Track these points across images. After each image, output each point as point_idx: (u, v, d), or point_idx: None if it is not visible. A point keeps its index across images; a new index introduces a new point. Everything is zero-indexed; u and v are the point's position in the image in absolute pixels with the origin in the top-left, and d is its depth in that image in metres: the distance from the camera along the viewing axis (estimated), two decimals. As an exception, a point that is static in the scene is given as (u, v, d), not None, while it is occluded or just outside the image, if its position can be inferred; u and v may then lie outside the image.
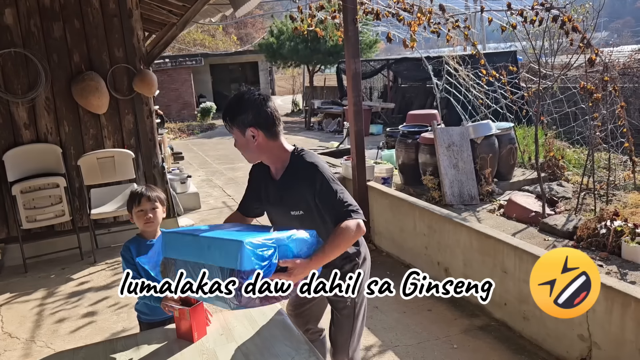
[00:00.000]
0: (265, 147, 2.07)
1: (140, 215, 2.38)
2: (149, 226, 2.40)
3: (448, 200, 5.60)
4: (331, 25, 9.26)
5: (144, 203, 2.38)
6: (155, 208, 2.40)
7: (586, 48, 4.28)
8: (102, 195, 5.17)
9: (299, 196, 2.06)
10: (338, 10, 5.23)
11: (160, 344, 2.03)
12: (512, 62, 10.20)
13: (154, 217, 2.40)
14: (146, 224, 2.39)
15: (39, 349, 3.53)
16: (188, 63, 19.90)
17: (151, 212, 2.39)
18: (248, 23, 36.03)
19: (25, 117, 5.07)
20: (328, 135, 14.20)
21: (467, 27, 4.90)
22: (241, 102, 2.03)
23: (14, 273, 4.91)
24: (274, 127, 2.07)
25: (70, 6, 5.09)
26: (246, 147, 2.08)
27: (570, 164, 6.81)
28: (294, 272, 1.75)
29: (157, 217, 2.41)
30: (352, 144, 5.04)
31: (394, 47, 29.39)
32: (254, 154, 2.11)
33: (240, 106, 2.03)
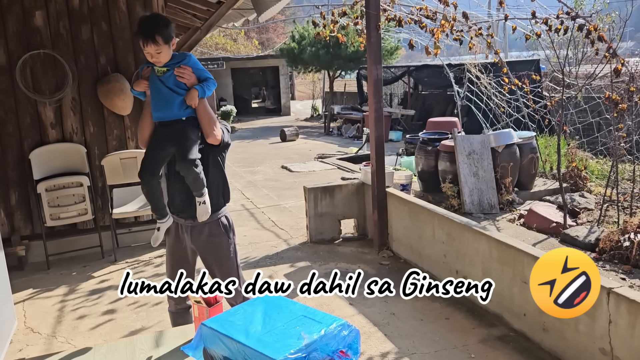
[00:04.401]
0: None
1: (147, 55, 2.53)
2: (157, 63, 2.55)
3: (467, 208, 5.56)
4: (352, 31, 9.29)
5: (149, 46, 2.46)
6: (159, 51, 2.49)
7: (612, 58, 4.22)
8: (124, 195, 5.25)
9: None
10: (361, 16, 5.25)
11: (179, 343, 2.05)
12: (535, 71, 10.10)
13: (159, 58, 2.51)
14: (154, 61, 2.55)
15: (60, 344, 3.59)
16: (210, 66, 20.10)
17: (156, 56, 2.50)
18: (270, 28, 36.31)
19: (52, 117, 5.19)
20: (347, 140, 14.20)
21: (490, 35, 4.87)
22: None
23: (37, 269, 5.01)
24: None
25: (98, 9, 5.20)
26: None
27: (593, 174, 6.71)
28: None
29: (162, 57, 2.52)
30: (372, 150, 5.04)
31: (414, 54, 29.29)
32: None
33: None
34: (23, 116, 5.09)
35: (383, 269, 4.70)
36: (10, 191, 5.13)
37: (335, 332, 1.67)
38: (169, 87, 2.54)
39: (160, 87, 2.56)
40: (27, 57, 4.97)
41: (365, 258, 4.98)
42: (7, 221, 5.13)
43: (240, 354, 1.63)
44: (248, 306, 1.86)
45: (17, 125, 5.08)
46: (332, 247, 5.34)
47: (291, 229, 6.02)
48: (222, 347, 1.70)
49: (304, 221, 5.68)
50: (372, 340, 3.46)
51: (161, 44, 2.46)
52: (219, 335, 1.71)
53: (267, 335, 1.65)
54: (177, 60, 2.57)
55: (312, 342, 1.61)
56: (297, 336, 1.62)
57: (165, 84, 2.55)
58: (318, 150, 12.13)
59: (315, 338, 1.62)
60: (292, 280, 4.52)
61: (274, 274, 4.67)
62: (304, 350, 1.58)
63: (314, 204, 5.43)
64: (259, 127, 18.69)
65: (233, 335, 1.68)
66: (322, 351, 1.63)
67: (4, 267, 3.63)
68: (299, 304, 1.83)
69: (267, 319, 1.74)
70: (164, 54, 2.51)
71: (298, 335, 1.63)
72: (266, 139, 15.16)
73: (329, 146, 13.11)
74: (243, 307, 1.86)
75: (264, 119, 21.76)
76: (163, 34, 2.46)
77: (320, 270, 4.69)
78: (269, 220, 6.43)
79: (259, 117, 22.26)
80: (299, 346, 1.58)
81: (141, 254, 5.28)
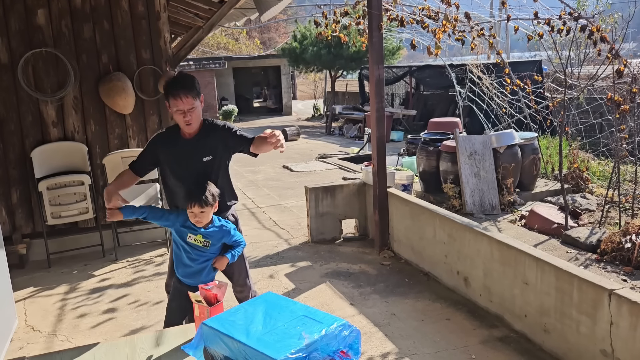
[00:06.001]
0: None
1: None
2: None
3: (468, 209, 5.55)
4: (354, 30, 9.28)
5: (195, 207, 2.51)
6: (203, 211, 2.52)
7: (614, 59, 4.21)
8: (125, 194, 5.18)
9: (212, 145, 2.76)
10: (363, 16, 5.25)
11: (179, 342, 2.05)
12: (537, 72, 10.09)
13: (201, 219, 2.54)
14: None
15: (61, 343, 3.59)
16: (211, 66, 20.12)
17: (199, 216, 2.52)
18: (271, 27, 36.32)
19: (54, 115, 5.19)
20: (348, 140, 14.20)
21: (492, 36, 4.87)
22: (192, 78, 2.69)
23: (38, 268, 5.01)
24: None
25: (101, 8, 5.20)
26: (198, 112, 2.70)
27: (594, 176, 6.70)
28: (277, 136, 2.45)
29: (204, 218, 2.55)
30: (373, 150, 5.03)
31: (416, 54, 29.27)
32: (199, 118, 2.76)
33: (194, 80, 2.68)
34: (25, 114, 5.09)
35: (384, 269, 4.70)
36: (11, 189, 5.13)
37: (336, 332, 1.66)
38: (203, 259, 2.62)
39: (193, 253, 2.60)
40: (29, 55, 4.97)
41: (366, 258, 4.97)
42: (9, 219, 5.13)
43: (241, 354, 1.63)
44: (249, 306, 1.86)
45: (19, 123, 5.09)
46: (333, 247, 5.33)
47: (292, 228, 6.01)
48: (222, 346, 1.69)
49: (305, 221, 5.68)
50: (372, 340, 3.45)
51: (207, 206, 2.52)
52: (219, 335, 1.71)
53: (268, 334, 1.65)
54: (217, 229, 2.60)
55: (313, 342, 1.60)
56: (298, 336, 1.62)
57: (200, 255, 2.60)
58: (319, 150, 12.13)
59: (316, 338, 1.61)
60: (292, 280, 4.51)
61: (274, 274, 4.67)
62: (305, 350, 1.57)
63: (315, 203, 5.43)
64: (261, 127, 18.68)
65: (234, 334, 1.67)
66: (323, 351, 1.62)
67: (5, 265, 3.63)
68: (300, 304, 1.82)
69: (268, 318, 1.74)
70: (207, 215, 2.55)
71: (299, 335, 1.62)
72: (267, 138, 15.13)
73: (331, 146, 13.11)
74: (244, 307, 1.85)
75: (265, 118, 21.76)
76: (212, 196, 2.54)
77: (321, 270, 4.69)
78: (270, 220, 6.42)
79: (260, 117, 22.26)
80: (300, 346, 1.57)
81: (142, 253, 5.29)
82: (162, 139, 2.85)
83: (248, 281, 3.09)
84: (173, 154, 2.79)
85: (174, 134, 2.82)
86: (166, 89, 2.66)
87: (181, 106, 2.61)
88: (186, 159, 2.77)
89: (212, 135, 2.80)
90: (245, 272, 3.07)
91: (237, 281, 3.05)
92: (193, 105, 2.64)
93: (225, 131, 2.82)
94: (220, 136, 2.81)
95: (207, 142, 2.78)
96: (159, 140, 2.86)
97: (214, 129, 2.83)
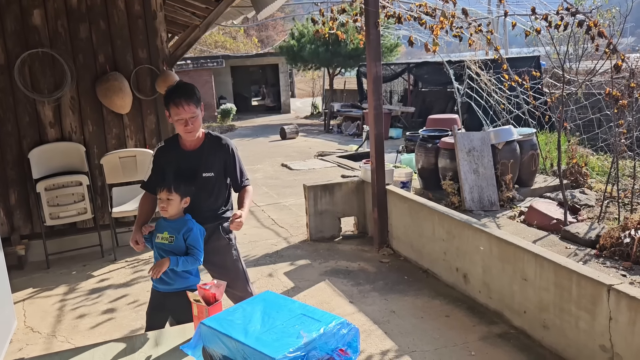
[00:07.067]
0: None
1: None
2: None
3: (467, 205, 5.55)
4: (352, 28, 9.26)
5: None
6: (195, 115, 2.60)
7: (612, 54, 4.21)
8: (123, 194, 5.24)
9: (212, 162, 2.76)
10: (360, 13, 5.23)
11: (178, 342, 2.05)
12: (535, 67, 10.08)
13: (194, 126, 2.62)
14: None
15: (60, 343, 3.59)
16: (209, 65, 20.08)
17: (191, 121, 2.59)
18: (269, 25, 36.25)
19: (51, 116, 5.18)
20: (347, 138, 14.19)
21: (490, 32, 4.86)
22: (193, 86, 2.67)
23: (37, 268, 5.00)
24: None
25: (97, 8, 5.18)
26: (199, 121, 2.66)
27: (593, 171, 6.70)
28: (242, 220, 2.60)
29: (171, 208, 2.56)
30: (371, 148, 5.03)
31: (414, 51, 29.22)
32: (200, 126, 2.72)
33: (195, 88, 2.66)
34: (22, 115, 5.08)
35: (383, 266, 4.70)
36: (9, 190, 5.13)
37: (335, 331, 1.66)
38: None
39: (160, 256, 2.62)
40: (25, 56, 4.96)
41: (365, 256, 4.97)
42: (7, 220, 5.13)
43: (240, 353, 1.62)
44: (247, 305, 1.85)
45: (16, 124, 5.07)
46: (332, 245, 5.33)
47: (291, 227, 6.01)
48: (221, 346, 1.69)
49: (304, 219, 5.68)
50: (372, 338, 3.45)
51: (175, 193, 2.56)
52: (218, 334, 1.70)
53: (266, 334, 1.64)
54: (181, 220, 2.62)
55: (312, 341, 1.60)
56: (296, 335, 1.61)
57: (166, 255, 2.58)
58: (318, 148, 12.12)
59: (315, 336, 1.61)
60: (292, 278, 4.51)
61: (273, 272, 4.66)
62: (303, 348, 1.57)
63: (314, 202, 5.43)
64: (259, 125, 18.67)
65: (232, 334, 1.67)
66: (322, 350, 1.62)
67: (3, 267, 3.62)
68: (298, 303, 1.82)
69: (266, 317, 1.73)
70: (173, 204, 2.57)
71: (297, 333, 1.62)
72: (266, 137, 15.14)
73: (329, 144, 13.09)
74: (242, 306, 1.85)
75: (263, 117, 21.74)
76: (184, 187, 2.61)
77: (320, 269, 4.69)
78: (269, 219, 6.42)
79: (258, 115, 22.23)
80: (298, 345, 1.57)
81: (141, 253, 5.28)
82: (164, 153, 2.80)
83: (248, 287, 3.04)
84: (174, 167, 2.74)
85: (174, 146, 2.78)
86: (166, 98, 2.61)
87: (183, 114, 2.56)
88: (186, 173, 2.72)
89: (216, 152, 2.78)
90: (245, 279, 3.04)
91: (235, 287, 2.97)
92: (194, 113, 2.59)
93: (229, 156, 2.83)
94: (223, 158, 2.80)
95: (208, 159, 2.75)
96: (161, 155, 2.81)
97: (219, 147, 2.80)
